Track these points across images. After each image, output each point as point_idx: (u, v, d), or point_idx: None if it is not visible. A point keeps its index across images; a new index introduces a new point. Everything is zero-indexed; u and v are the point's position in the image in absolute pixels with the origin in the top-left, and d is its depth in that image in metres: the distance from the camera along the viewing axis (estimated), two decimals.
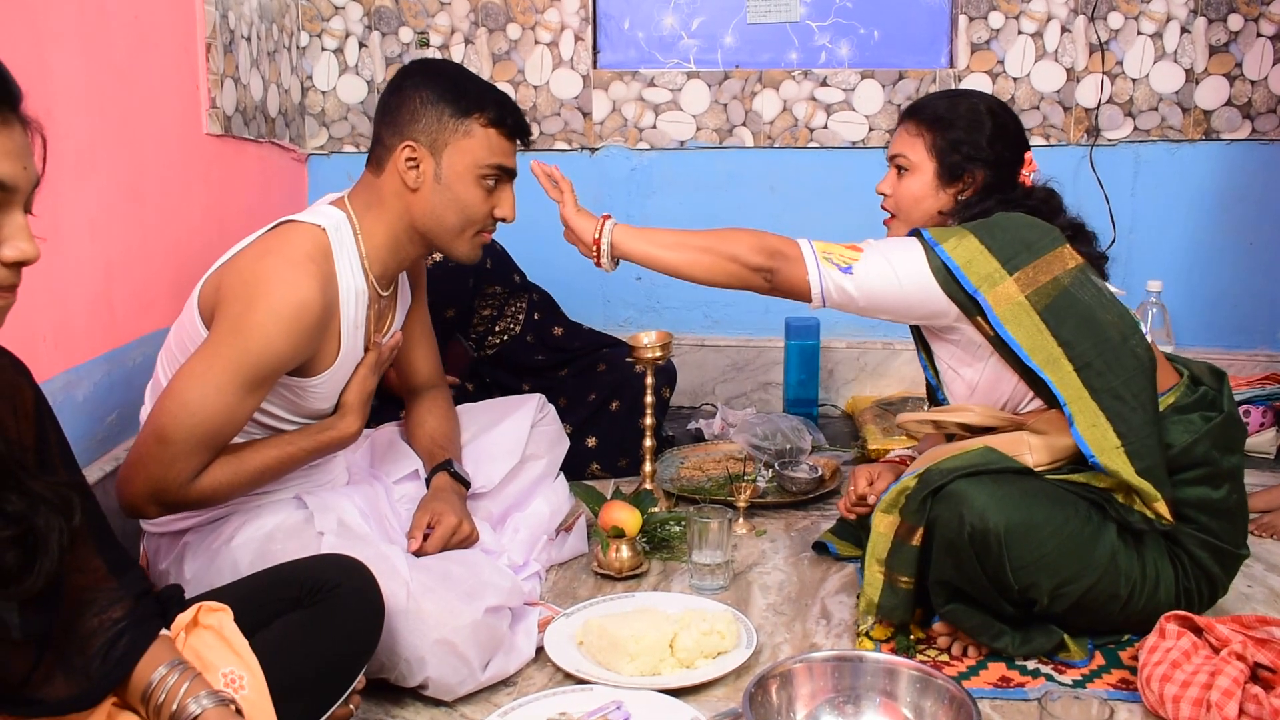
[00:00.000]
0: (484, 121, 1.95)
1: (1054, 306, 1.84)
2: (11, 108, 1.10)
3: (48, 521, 1.20)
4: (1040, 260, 1.86)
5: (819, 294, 1.92)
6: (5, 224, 1.09)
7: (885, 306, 1.93)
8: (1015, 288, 1.84)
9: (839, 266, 1.90)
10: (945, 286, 1.87)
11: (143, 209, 2.40)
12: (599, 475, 2.87)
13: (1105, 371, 1.83)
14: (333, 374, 1.91)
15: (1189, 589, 1.88)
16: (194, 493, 1.78)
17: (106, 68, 2.25)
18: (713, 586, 2.17)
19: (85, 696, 1.25)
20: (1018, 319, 1.84)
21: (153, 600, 1.38)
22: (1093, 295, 1.87)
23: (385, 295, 2.02)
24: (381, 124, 1.97)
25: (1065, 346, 1.83)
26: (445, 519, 2.00)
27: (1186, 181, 3.33)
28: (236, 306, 1.76)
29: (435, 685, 1.72)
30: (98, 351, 2.22)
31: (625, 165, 3.50)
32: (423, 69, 2.02)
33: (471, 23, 3.45)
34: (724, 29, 3.45)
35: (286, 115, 3.29)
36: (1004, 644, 1.85)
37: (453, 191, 1.95)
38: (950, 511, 1.77)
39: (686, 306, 3.57)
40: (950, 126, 2.06)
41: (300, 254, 1.82)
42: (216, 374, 1.73)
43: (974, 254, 1.86)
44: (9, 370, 1.27)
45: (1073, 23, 3.28)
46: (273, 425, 1.92)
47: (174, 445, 1.73)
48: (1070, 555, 1.78)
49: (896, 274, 1.89)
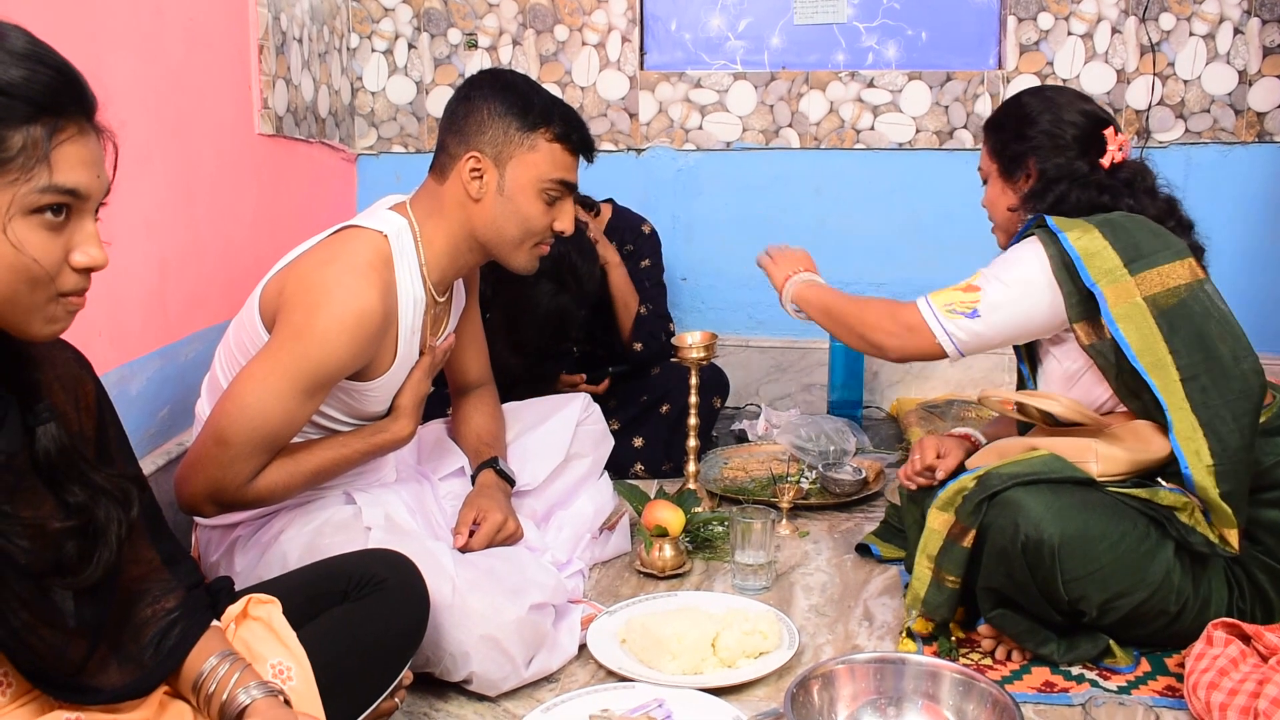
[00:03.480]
0: (550, 136, 1.94)
1: (1170, 314, 1.81)
2: (89, 117, 1.13)
3: (107, 513, 1.23)
4: (1165, 267, 1.84)
5: (954, 349, 1.96)
6: (77, 231, 1.12)
7: (1015, 333, 1.96)
8: (1135, 288, 1.82)
9: (964, 314, 1.93)
10: (1062, 281, 1.86)
11: (196, 208, 2.44)
12: (642, 476, 2.88)
13: (1210, 388, 1.80)
14: (388, 378, 1.93)
15: (1243, 610, 1.85)
16: (251, 494, 1.80)
17: (162, 70, 2.29)
18: (755, 587, 2.17)
19: (138, 685, 1.28)
20: (1132, 319, 1.81)
21: (204, 592, 1.41)
22: (1211, 311, 1.84)
23: (441, 301, 2.03)
24: (448, 132, 1.97)
25: (1175, 355, 1.80)
26: (490, 516, 2.01)
27: (1239, 184, 3.28)
28: (299, 313, 1.78)
29: (479, 680, 1.74)
30: (152, 347, 2.26)
31: (671, 166, 3.51)
32: (492, 80, 2.00)
33: (519, 24, 3.47)
34: (771, 30, 3.45)
35: (336, 116, 3.33)
36: (1049, 650, 1.83)
37: (514, 204, 1.94)
38: (1006, 519, 1.76)
39: (731, 307, 3.57)
40: (1000, 127, 2.10)
41: (363, 262, 1.83)
42: (277, 379, 1.75)
43: (1098, 248, 1.84)
44: (72, 364, 1.30)
45: (1123, 24, 3.25)
46: (328, 426, 1.94)
47: (233, 448, 1.75)
48: (1124, 570, 1.76)
49: (1016, 294, 1.91)
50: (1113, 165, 2.00)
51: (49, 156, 1.08)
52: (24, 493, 1.17)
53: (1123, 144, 2.02)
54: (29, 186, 1.07)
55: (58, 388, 1.26)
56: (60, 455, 1.21)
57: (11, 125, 1.06)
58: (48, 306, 1.13)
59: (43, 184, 1.07)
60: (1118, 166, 2.01)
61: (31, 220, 1.08)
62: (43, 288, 1.11)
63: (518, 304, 2.72)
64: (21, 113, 1.06)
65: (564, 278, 2.70)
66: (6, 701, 1.22)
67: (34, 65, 1.08)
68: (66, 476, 1.21)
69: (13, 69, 1.06)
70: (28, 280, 1.09)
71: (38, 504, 1.18)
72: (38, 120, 1.07)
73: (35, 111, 1.07)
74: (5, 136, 1.05)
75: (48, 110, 1.08)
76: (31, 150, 1.06)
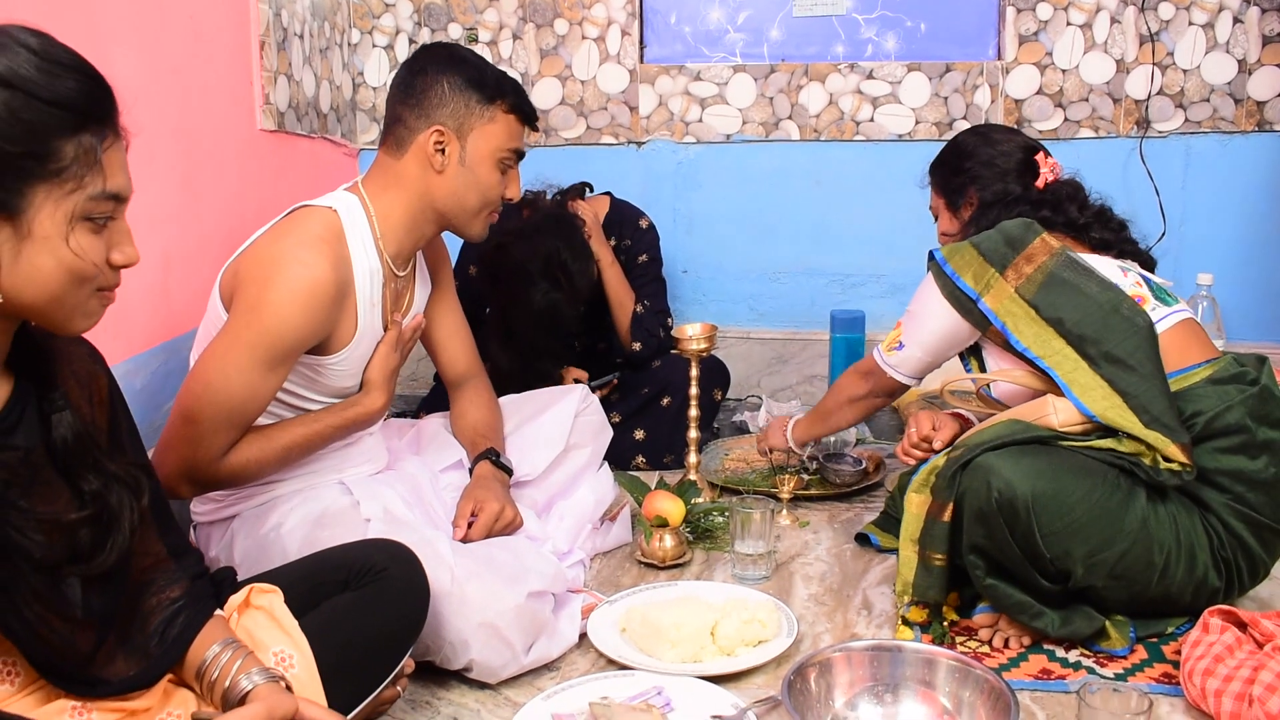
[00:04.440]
0: (506, 108, 2.03)
1: (1041, 290, 1.95)
2: (117, 118, 1.16)
3: (120, 499, 1.26)
4: (1025, 252, 1.98)
5: (904, 377, 2.23)
6: (115, 230, 1.17)
7: (940, 351, 2.16)
8: (1007, 285, 1.97)
9: (896, 348, 2.20)
10: (954, 303, 2.03)
11: (199, 203, 2.45)
12: (643, 468, 2.89)
13: (1099, 339, 1.90)
14: (351, 351, 1.96)
15: (1227, 559, 1.88)
16: (224, 470, 1.84)
17: (164, 66, 2.31)
18: (755, 576, 2.19)
19: (144, 675, 1.30)
20: (1012, 314, 1.96)
21: (208, 582, 1.43)
22: (1078, 272, 1.96)
23: (402, 275, 2.07)
24: (404, 106, 2.01)
25: (1056, 325, 1.93)
26: (488, 506, 2.03)
27: (1239, 173, 3.28)
28: (253, 288, 1.82)
29: (479, 668, 1.76)
30: (155, 342, 2.28)
31: (671, 159, 3.52)
32: (447, 55, 2.06)
33: (519, 18, 3.48)
34: (770, 22, 3.46)
35: (338, 111, 3.35)
36: (1044, 624, 1.85)
37: (475, 174, 2.02)
38: (978, 482, 1.81)
39: (732, 300, 3.58)
40: (942, 164, 2.38)
41: (313, 235, 1.88)
42: (236, 354, 1.79)
43: (969, 262, 2.01)
44: (86, 359, 1.33)
45: (1122, 13, 3.25)
46: (301, 406, 1.97)
47: (200, 424, 1.79)
48: (1100, 521, 1.80)
49: (926, 324, 2.12)
50: (1046, 185, 2.21)
51: (100, 163, 1.11)
52: (40, 486, 1.20)
53: (1054, 166, 2.25)
54: (84, 194, 1.11)
55: (73, 383, 1.29)
56: (76, 443, 1.24)
57: (65, 136, 1.09)
58: (88, 302, 1.17)
59: (97, 191, 1.11)
60: (1051, 186, 2.20)
61: (84, 225, 1.12)
62: (87, 286, 1.15)
63: (511, 301, 2.74)
64: (73, 123, 1.10)
65: (556, 275, 2.72)
66: (14, 690, 1.24)
67: (80, 76, 1.12)
68: (82, 464, 1.24)
69: (65, 80, 1.10)
70: (78, 281, 1.14)
71: (54, 498, 1.21)
72: (86, 129, 1.10)
73: (84, 121, 1.10)
74: (60, 147, 1.09)
75: (94, 119, 1.12)
76: (85, 159, 1.10)
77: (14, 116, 1.06)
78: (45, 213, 1.09)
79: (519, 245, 2.73)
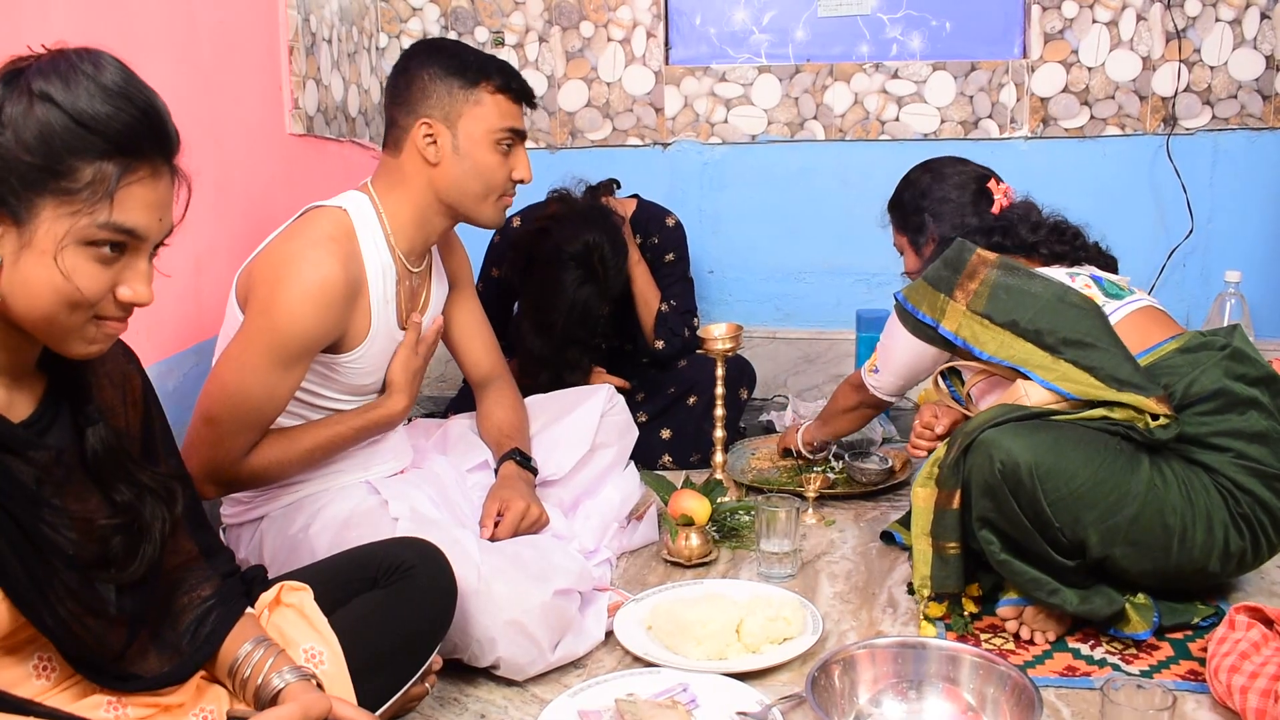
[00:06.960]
0: (491, 89, 2.03)
1: (990, 301, 2.01)
2: (166, 159, 1.18)
3: (152, 510, 1.27)
4: (965, 270, 2.04)
5: (884, 395, 2.43)
6: (128, 267, 1.16)
7: (912, 374, 2.34)
8: (958, 305, 2.04)
9: (874, 371, 2.39)
10: (919, 334, 2.12)
11: (229, 206, 2.48)
12: (670, 467, 2.90)
13: (1054, 328, 1.95)
14: (367, 349, 1.98)
15: (1245, 515, 1.87)
16: (246, 471, 1.88)
17: (194, 72, 2.34)
18: (780, 574, 2.20)
19: (176, 671, 1.32)
20: (971, 329, 2.03)
21: (239, 580, 1.45)
22: (1019, 276, 2.02)
23: (416, 271, 2.09)
24: (394, 106, 2.05)
25: (1012, 327, 1.98)
26: (514, 504, 2.05)
27: (1267, 170, 3.26)
28: (265, 290, 1.85)
29: (506, 665, 1.78)
30: (187, 344, 2.30)
31: (697, 160, 3.53)
32: (425, 48, 2.09)
33: (545, 21, 3.50)
34: (795, 23, 3.46)
35: (366, 115, 3.37)
36: (1061, 600, 1.86)
37: (472, 159, 2.03)
38: (982, 457, 1.83)
39: (758, 300, 3.59)
40: (900, 204, 2.48)
41: (323, 235, 1.90)
42: (251, 355, 1.82)
43: (924, 294, 2.09)
44: (120, 359, 1.35)
45: (1149, 10, 3.23)
46: (320, 405, 2.00)
47: (219, 425, 1.83)
48: (1105, 485, 1.81)
49: (896, 355, 2.29)
50: (1001, 210, 2.31)
51: (114, 194, 1.11)
52: (73, 487, 1.21)
53: (1005, 190, 2.35)
54: (89, 220, 1.10)
55: (106, 384, 1.31)
56: (108, 455, 1.25)
57: (85, 158, 1.09)
58: (85, 328, 1.16)
59: (102, 220, 1.11)
60: (1005, 211, 2.30)
61: (85, 251, 1.12)
62: (82, 312, 1.14)
63: (545, 285, 2.76)
64: (98, 148, 1.10)
65: (593, 266, 2.73)
66: (50, 685, 1.26)
67: (121, 103, 1.12)
68: (114, 476, 1.25)
69: (99, 104, 1.10)
70: (68, 304, 1.13)
71: (85, 499, 1.22)
72: (112, 158, 1.11)
73: (111, 149, 1.11)
74: (76, 168, 1.09)
75: (124, 150, 1.12)
76: (98, 185, 1.10)
77: (43, 130, 1.08)
78: (45, 226, 1.09)
79: (561, 229, 2.75)
